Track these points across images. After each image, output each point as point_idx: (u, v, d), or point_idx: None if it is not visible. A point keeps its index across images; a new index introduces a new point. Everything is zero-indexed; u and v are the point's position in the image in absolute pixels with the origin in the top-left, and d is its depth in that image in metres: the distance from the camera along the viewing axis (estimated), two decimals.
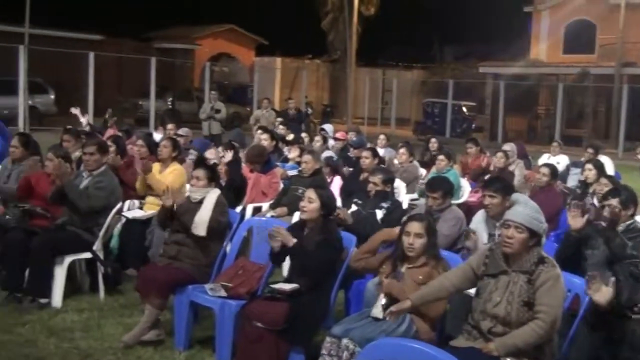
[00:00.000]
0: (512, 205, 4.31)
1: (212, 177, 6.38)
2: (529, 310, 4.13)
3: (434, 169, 10.33)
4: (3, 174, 8.05)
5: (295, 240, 5.32)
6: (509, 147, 11.58)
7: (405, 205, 9.27)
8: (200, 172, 6.30)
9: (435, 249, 4.94)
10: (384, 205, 7.04)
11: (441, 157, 10.32)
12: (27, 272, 6.49)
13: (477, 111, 35.49)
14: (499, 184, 6.30)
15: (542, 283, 4.11)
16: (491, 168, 11.01)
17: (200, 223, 5.97)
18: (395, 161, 11.14)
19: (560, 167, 11.71)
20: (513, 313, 4.15)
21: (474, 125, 34.15)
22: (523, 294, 4.15)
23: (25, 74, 22.57)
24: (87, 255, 6.78)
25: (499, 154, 10.74)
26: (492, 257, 4.35)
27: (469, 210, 7.79)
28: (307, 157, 8.74)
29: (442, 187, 6.60)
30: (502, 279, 4.25)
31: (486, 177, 9.53)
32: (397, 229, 5.16)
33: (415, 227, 4.90)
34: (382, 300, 4.80)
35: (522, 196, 4.43)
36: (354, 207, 7.28)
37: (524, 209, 4.24)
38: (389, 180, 7.40)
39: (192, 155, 10.13)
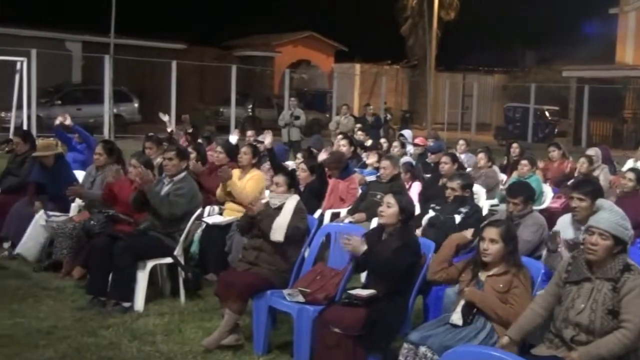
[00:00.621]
0: (597, 211, 4.18)
1: (292, 184, 6.41)
2: (613, 319, 3.99)
3: (515, 174, 10.15)
4: (87, 180, 8.29)
5: (365, 247, 5.28)
6: (592, 151, 11.25)
7: (485, 211, 9.14)
8: (281, 179, 6.34)
9: (515, 256, 4.81)
10: (463, 210, 6.95)
11: (524, 162, 10.13)
12: (110, 277, 6.64)
13: (560, 115, 34.71)
14: (589, 186, 6.08)
15: (628, 291, 3.96)
16: (575, 174, 10.73)
17: (278, 229, 6.00)
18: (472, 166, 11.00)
19: None
20: (597, 321, 4.03)
21: (556, 130, 33.44)
22: (607, 302, 4.02)
23: (111, 83, 23.18)
24: (169, 260, 6.90)
25: (582, 159, 10.47)
26: (575, 264, 4.22)
27: (551, 216, 7.62)
28: (385, 163, 8.70)
29: (523, 193, 6.45)
30: (585, 286, 4.13)
31: (569, 182, 9.31)
32: (468, 232, 5.07)
33: (490, 232, 4.80)
34: (462, 307, 4.72)
35: (607, 202, 4.29)
36: (431, 213, 7.21)
37: (609, 215, 4.11)
38: (467, 186, 7.30)
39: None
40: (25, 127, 18.30)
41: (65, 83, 27.67)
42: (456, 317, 4.69)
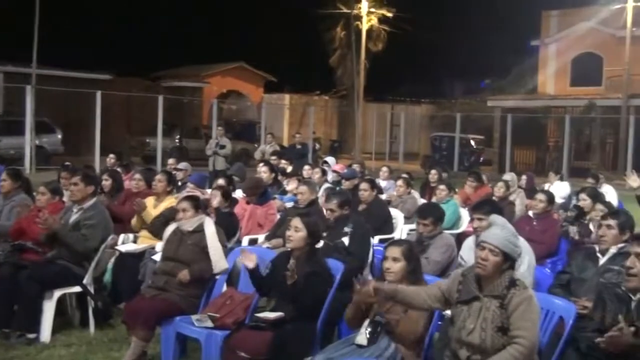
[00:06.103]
0: (490, 227, 4.24)
1: (198, 205, 6.36)
2: (503, 336, 4.02)
3: (434, 199, 10.29)
4: None
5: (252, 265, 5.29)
6: (509, 176, 11.55)
7: (404, 235, 9.22)
8: (185, 204, 6.29)
9: (416, 274, 4.83)
10: (347, 229, 6.68)
11: (442, 187, 10.36)
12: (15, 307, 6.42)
13: (485, 144, 35.42)
14: (489, 206, 6.22)
15: (515, 307, 4.01)
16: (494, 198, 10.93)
17: (219, 258, 6.03)
18: (394, 192, 11.13)
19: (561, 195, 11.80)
20: (488, 340, 4.05)
21: (482, 158, 34.04)
22: (496, 319, 4.05)
23: (32, 114, 22.70)
24: (77, 289, 6.72)
25: (500, 184, 10.70)
26: (465, 283, 4.25)
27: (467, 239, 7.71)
28: (302, 188, 8.68)
29: (433, 214, 6.54)
30: (474, 306, 4.16)
31: None
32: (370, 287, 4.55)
33: (393, 251, 4.83)
34: (367, 327, 4.72)
35: (500, 218, 4.34)
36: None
37: (501, 232, 4.16)
38: (345, 203, 6.95)
39: (189, 189, 10.09)
40: None
41: None
42: (361, 338, 4.69)
